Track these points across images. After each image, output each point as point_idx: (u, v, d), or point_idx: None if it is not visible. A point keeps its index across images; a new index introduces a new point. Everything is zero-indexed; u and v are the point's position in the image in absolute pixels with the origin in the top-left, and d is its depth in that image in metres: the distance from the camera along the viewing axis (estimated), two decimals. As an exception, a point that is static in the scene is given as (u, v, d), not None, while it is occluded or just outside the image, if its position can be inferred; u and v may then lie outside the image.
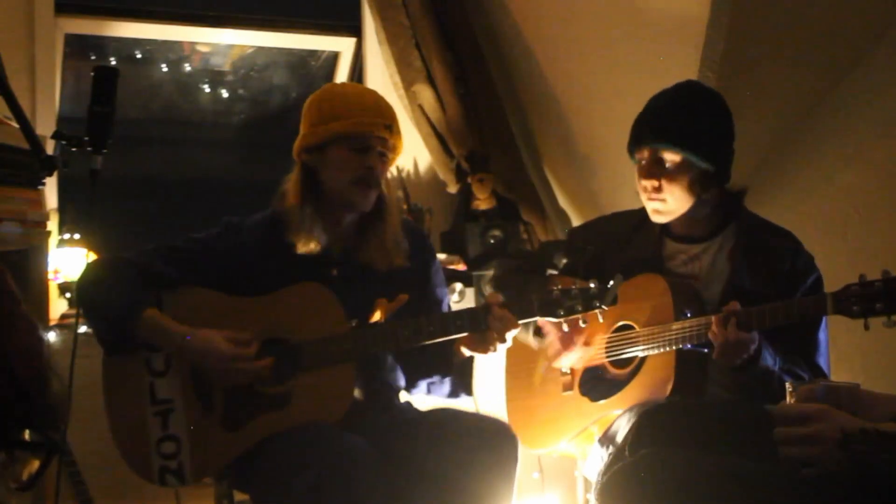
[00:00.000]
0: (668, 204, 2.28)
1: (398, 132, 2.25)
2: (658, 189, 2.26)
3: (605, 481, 1.68)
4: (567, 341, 2.35)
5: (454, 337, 2.17)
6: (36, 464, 2.09)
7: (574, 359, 2.38)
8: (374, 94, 2.30)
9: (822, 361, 2.26)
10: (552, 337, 2.36)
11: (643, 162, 2.28)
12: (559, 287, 2.14)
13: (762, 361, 2.10)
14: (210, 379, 2.12)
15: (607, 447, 2.20)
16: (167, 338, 2.10)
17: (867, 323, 1.90)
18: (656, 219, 2.33)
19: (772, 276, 2.27)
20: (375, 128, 2.19)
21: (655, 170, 2.25)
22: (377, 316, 2.17)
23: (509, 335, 2.13)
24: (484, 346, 2.16)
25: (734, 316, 2.06)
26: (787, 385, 1.57)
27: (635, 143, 2.30)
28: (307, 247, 2.22)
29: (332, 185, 2.24)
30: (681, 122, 2.24)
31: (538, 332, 2.40)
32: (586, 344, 2.36)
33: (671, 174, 2.25)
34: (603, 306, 2.13)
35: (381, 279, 2.27)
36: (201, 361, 2.10)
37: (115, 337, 2.14)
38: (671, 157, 2.24)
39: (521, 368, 2.52)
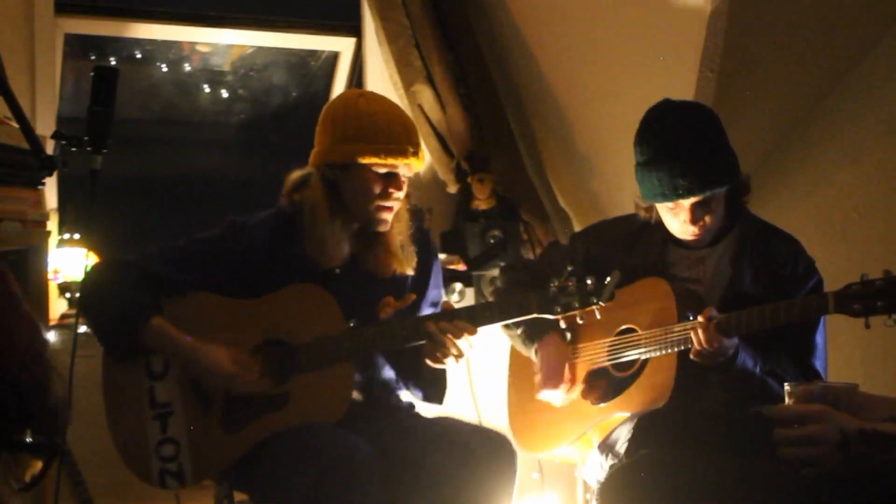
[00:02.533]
0: (711, 230, 2.29)
1: (422, 153, 2.24)
2: (703, 226, 2.25)
3: (605, 482, 1.69)
4: (551, 378, 2.34)
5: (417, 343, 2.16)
6: (38, 465, 2.09)
7: (556, 397, 2.37)
8: (401, 116, 2.25)
9: (818, 364, 2.26)
10: (538, 369, 2.37)
11: (686, 208, 2.23)
12: (556, 284, 2.14)
13: (739, 364, 2.11)
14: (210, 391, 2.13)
15: (607, 455, 2.20)
16: (173, 348, 2.11)
17: (868, 322, 1.90)
18: (695, 243, 2.32)
19: (773, 281, 2.27)
20: (402, 155, 2.18)
21: (702, 212, 2.24)
22: (385, 314, 2.18)
23: (464, 345, 2.11)
24: (441, 353, 2.13)
25: (715, 321, 2.07)
26: (785, 386, 1.57)
27: (671, 198, 2.22)
28: (335, 261, 2.22)
29: (352, 202, 2.23)
30: (712, 161, 2.21)
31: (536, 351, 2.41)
32: (571, 382, 2.36)
33: (715, 208, 2.26)
34: (600, 302, 2.12)
35: (384, 281, 2.27)
36: (204, 375, 2.11)
37: (119, 344, 2.14)
38: (714, 196, 2.23)
39: (523, 371, 2.52)
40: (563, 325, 2.20)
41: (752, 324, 2.06)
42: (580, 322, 2.17)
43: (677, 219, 2.27)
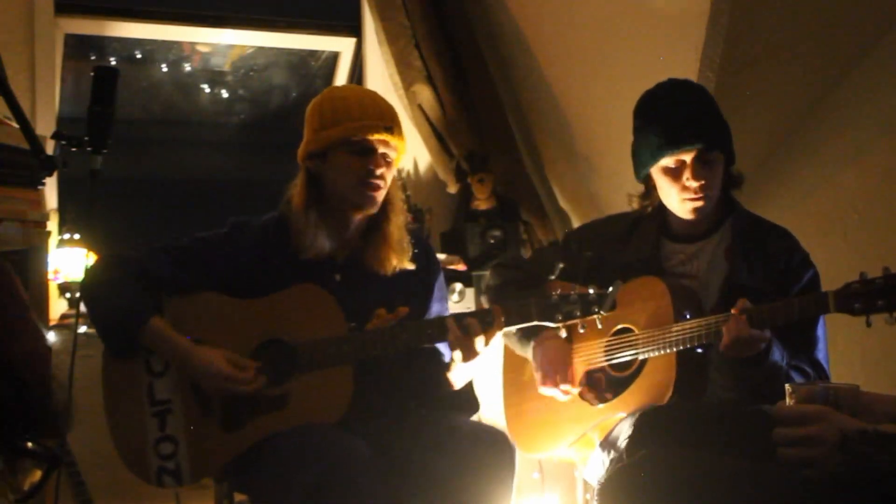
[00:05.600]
0: (711, 199, 2.28)
1: (400, 133, 2.25)
2: (704, 187, 2.25)
3: (605, 482, 1.68)
4: (552, 373, 2.33)
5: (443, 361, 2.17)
6: (38, 474, 2.08)
7: (558, 392, 2.36)
8: (373, 95, 2.30)
9: (820, 357, 2.26)
10: (537, 366, 2.36)
11: (688, 164, 2.23)
12: (558, 292, 2.14)
13: (772, 357, 2.10)
14: (208, 393, 2.13)
15: (609, 451, 2.20)
16: (169, 350, 2.10)
17: (869, 320, 1.90)
18: (693, 216, 2.32)
19: (768, 273, 2.27)
20: (375, 130, 2.19)
21: (703, 171, 2.24)
22: (374, 326, 2.17)
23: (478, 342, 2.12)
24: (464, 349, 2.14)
25: (746, 313, 2.06)
26: (787, 387, 1.57)
27: (673, 147, 2.22)
28: (312, 252, 2.22)
29: (336, 190, 2.23)
30: (711, 120, 2.27)
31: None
32: (570, 382, 2.36)
33: (715, 171, 2.26)
34: (602, 312, 2.12)
35: (384, 286, 2.27)
36: (199, 378, 2.10)
37: (118, 343, 2.14)
38: (712, 157, 2.25)
39: (519, 373, 2.52)
40: (563, 333, 2.21)
41: (775, 318, 2.05)
42: (581, 331, 2.19)
43: (678, 182, 2.26)
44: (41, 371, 2.08)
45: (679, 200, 2.29)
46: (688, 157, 2.23)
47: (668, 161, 2.25)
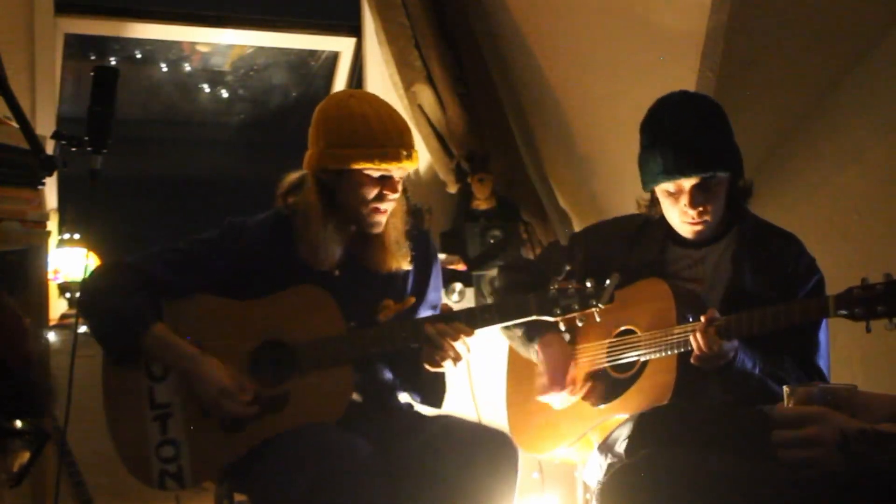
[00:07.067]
0: (710, 223, 2.28)
1: (416, 153, 2.23)
2: (702, 213, 2.25)
3: (605, 482, 1.69)
4: (556, 381, 2.34)
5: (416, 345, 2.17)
6: (27, 455, 2.08)
7: (558, 400, 2.37)
8: (393, 117, 2.22)
9: (821, 363, 2.26)
10: (542, 370, 2.36)
11: (686, 191, 2.23)
12: (556, 286, 2.14)
13: (738, 365, 2.11)
14: (201, 402, 2.13)
15: (606, 455, 2.20)
16: (174, 356, 2.11)
17: (869, 325, 1.90)
18: (692, 237, 2.32)
19: (774, 279, 2.27)
20: (396, 158, 2.17)
21: (702, 197, 2.23)
22: (384, 317, 2.18)
23: (461, 348, 2.12)
24: (439, 356, 2.14)
25: (714, 325, 2.06)
26: (784, 388, 1.57)
27: (672, 175, 2.21)
28: (325, 264, 2.22)
29: (346, 205, 2.23)
30: (715, 145, 2.23)
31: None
32: (572, 386, 2.36)
33: (716, 195, 2.25)
34: (600, 305, 2.12)
35: (384, 281, 2.27)
36: (200, 385, 2.10)
37: (119, 350, 2.14)
38: (713, 182, 2.23)
39: (522, 372, 2.52)
40: (562, 327, 2.20)
41: (753, 327, 2.06)
42: (579, 324, 2.18)
43: (678, 205, 2.26)
44: (20, 348, 2.07)
45: (679, 222, 2.30)
46: (687, 185, 2.22)
47: (667, 186, 2.25)
